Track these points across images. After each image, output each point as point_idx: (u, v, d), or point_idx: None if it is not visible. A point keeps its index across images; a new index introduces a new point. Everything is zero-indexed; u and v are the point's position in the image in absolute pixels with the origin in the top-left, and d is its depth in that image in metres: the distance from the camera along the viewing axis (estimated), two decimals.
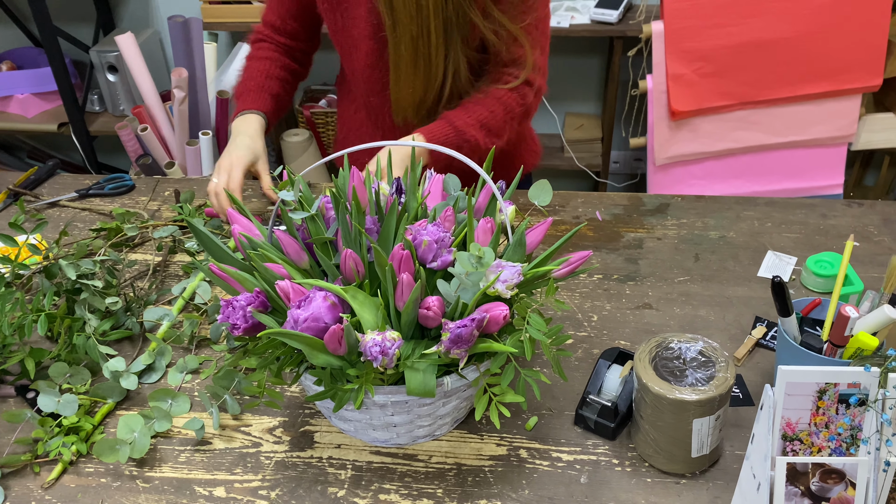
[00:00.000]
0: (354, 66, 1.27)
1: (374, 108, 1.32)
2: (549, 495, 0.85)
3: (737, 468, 0.86)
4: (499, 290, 0.79)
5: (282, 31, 1.35)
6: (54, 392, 0.93)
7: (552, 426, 0.93)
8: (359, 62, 1.26)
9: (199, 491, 0.87)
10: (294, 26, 1.34)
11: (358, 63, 1.26)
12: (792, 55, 2.01)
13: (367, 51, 1.24)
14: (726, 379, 0.81)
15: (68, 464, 0.90)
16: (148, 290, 1.16)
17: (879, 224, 1.25)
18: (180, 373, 1.02)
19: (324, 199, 0.88)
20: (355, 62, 1.27)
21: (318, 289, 0.79)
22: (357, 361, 0.79)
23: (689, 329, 1.06)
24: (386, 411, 0.85)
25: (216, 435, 0.93)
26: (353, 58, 1.27)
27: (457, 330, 0.75)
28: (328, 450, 0.91)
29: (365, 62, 1.25)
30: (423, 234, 0.81)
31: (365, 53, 1.24)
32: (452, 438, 0.92)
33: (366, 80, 1.28)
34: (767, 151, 2.18)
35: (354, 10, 1.21)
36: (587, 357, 1.02)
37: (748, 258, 1.19)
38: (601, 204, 1.34)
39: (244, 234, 0.86)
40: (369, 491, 0.86)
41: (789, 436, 0.66)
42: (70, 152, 2.92)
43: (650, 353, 0.85)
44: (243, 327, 0.80)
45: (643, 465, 0.87)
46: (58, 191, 1.44)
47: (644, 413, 0.84)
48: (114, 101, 2.55)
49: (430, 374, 0.79)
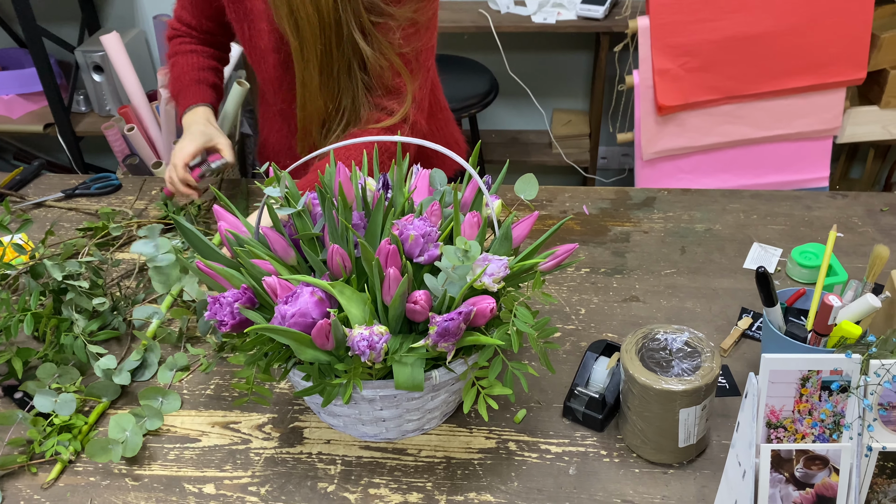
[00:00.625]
0: (264, 75, 1.27)
1: (286, 114, 1.32)
2: (538, 487, 0.85)
3: (723, 457, 0.87)
4: (486, 284, 0.79)
5: (198, 28, 1.34)
6: (51, 392, 0.93)
7: (540, 419, 0.93)
8: (267, 73, 1.26)
9: (189, 488, 0.87)
10: (210, 26, 1.33)
11: (267, 73, 1.26)
12: (777, 49, 2.03)
13: (273, 63, 1.24)
14: (712, 369, 0.81)
15: (67, 463, 0.89)
16: (135, 288, 1.16)
17: (863, 215, 1.26)
18: (170, 370, 1.01)
19: (310, 195, 0.88)
20: (264, 72, 1.26)
21: (306, 284, 0.79)
22: (345, 356, 0.79)
23: (676, 321, 1.06)
24: (375, 406, 0.85)
25: (205, 432, 0.93)
26: (261, 68, 1.26)
27: (444, 323, 0.75)
28: (318, 445, 0.91)
29: (273, 74, 1.25)
30: (410, 228, 0.81)
31: (272, 65, 1.24)
32: (441, 432, 0.92)
33: (275, 91, 1.29)
34: (754, 145, 2.20)
35: (258, 23, 1.21)
36: (575, 350, 1.03)
37: (734, 250, 1.20)
38: (588, 198, 1.34)
39: (230, 231, 0.86)
40: (359, 486, 0.86)
41: (773, 423, 0.67)
42: (56, 153, 2.91)
43: (636, 345, 0.85)
44: (230, 324, 0.80)
45: (631, 456, 0.88)
46: (44, 191, 1.43)
47: (631, 404, 0.85)
48: (100, 101, 2.54)
49: (419, 368, 0.79)
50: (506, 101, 2.69)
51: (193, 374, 1.02)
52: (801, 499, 0.67)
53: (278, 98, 1.30)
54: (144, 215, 1.35)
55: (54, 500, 0.86)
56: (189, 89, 1.32)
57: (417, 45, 1.15)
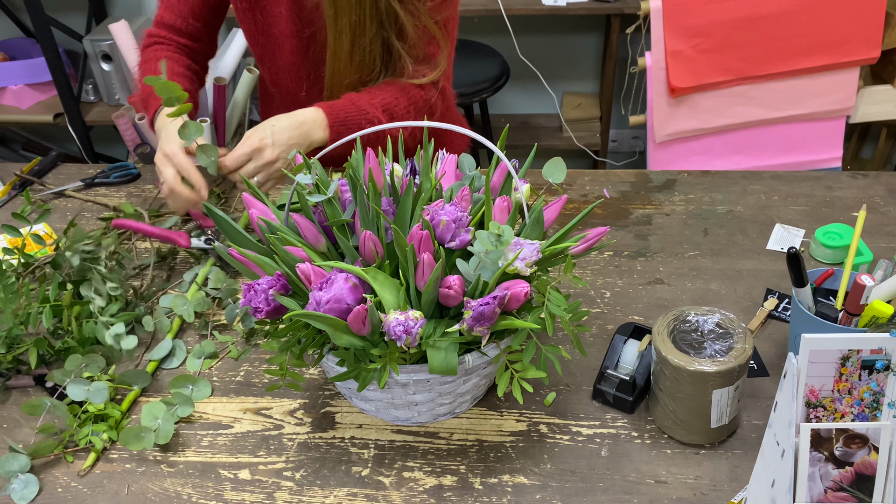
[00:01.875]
0: (278, 64, 1.24)
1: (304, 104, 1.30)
2: (571, 469, 0.86)
3: (755, 437, 0.88)
4: (518, 268, 0.79)
5: (182, 31, 1.29)
6: (83, 381, 0.93)
7: (570, 401, 0.94)
8: (283, 60, 1.23)
9: (224, 474, 0.87)
10: (196, 26, 1.28)
11: (282, 61, 1.23)
12: (790, 29, 2.02)
13: (291, 48, 1.21)
14: (744, 350, 0.82)
15: (101, 451, 0.90)
16: (163, 278, 1.16)
17: (885, 195, 1.26)
18: (198, 358, 1.02)
19: (339, 182, 0.88)
20: (279, 61, 1.23)
21: (339, 271, 0.79)
22: (379, 341, 0.80)
23: (702, 303, 1.07)
24: (408, 390, 0.86)
25: (237, 419, 0.94)
26: (276, 57, 1.23)
27: (479, 308, 0.75)
28: (350, 430, 0.92)
29: (290, 60, 1.22)
30: (441, 213, 0.81)
31: (289, 51, 1.21)
32: (472, 416, 0.93)
33: (292, 78, 1.26)
34: (766, 126, 2.19)
35: (274, 8, 1.18)
36: (601, 333, 1.03)
37: (756, 231, 1.20)
38: (608, 181, 1.34)
39: (262, 218, 0.86)
40: (393, 469, 0.87)
41: (812, 402, 0.67)
42: (66, 143, 2.91)
43: (668, 327, 0.86)
44: (265, 310, 0.81)
45: (662, 437, 0.88)
46: (62, 181, 1.43)
47: (663, 385, 0.85)
48: (109, 90, 2.54)
49: (452, 353, 0.80)
50: (516, 84, 2.68)
51: (223, 362, 1.02)
52: (840, 477, 0.67)
53: (294, 87, 1.29)
54: (165, 207, 1.35)
55: (92, 488, 0.87)
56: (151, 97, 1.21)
57: (447, 13, 1.15)
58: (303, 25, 1.17)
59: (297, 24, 1.18)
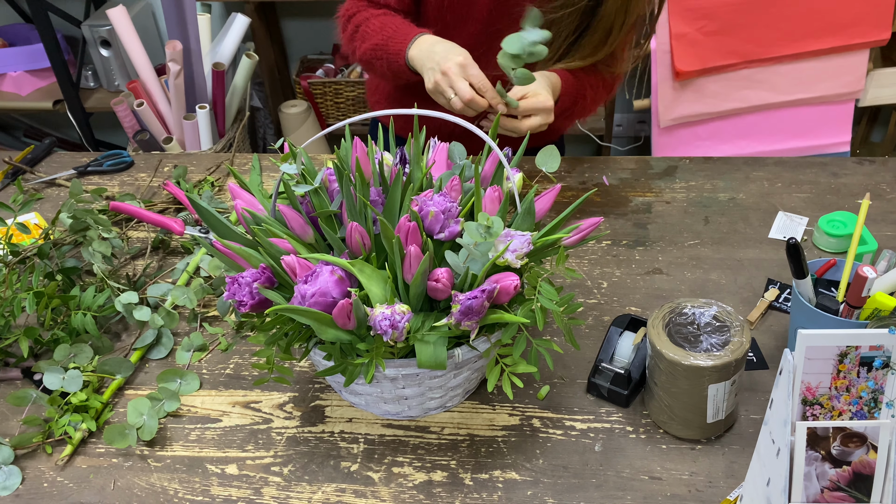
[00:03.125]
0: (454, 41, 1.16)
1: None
2: (563, 464, 0.84)
3: (752, 432, 0.86)
4: (508, 260, 0.77)
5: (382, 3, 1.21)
6: (58, 369, 0.92)
7: (564, 395, 0.92)
8: (460, 40, 1.15)
9: (212, 469, 0.86)
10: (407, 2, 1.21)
11: (459, 41, 1.15)
12: (797, 10, 1.97)
13: (473, 32, 1.18)
14: (742, 343, 0.79)
15: (79, 443, 0.89)
16: (154, 268, 1.15)
17: (892, 181, 1.23)
18: (187, 351, 1.01)
19: (326, 172, 0.86)
20: (456, 39, 1.15)
21: (325, 263, 0.77)
22: (367, 335, 0.78)
23: (701, 293, 1.04)
24: (397, 384, 0.84)
25: (226, 412, 0.93)
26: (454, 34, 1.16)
27: (467, 301, 0.73)
28: (339, 424, 0.90)
29: (467, 42, 1.15)
30: (430, 204, 0.79)
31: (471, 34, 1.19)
32: (464, 409, 0.91)
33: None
34: (773, 110, 2.15)
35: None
36: (598, 325, 1.01)
37: (759, 219, 1.17)
38: (607, 168, 1.31)
39: (247, 210, 0.84)
40: (382, 464, 0.85)
41: (809, 400, 0.65)
42: (67, 130, 2.89)
43: (663, 319, 0.83)
44: (250, 304, 0.79)
45: (658, 432, 0.87)
46: (56, 169, 1.42)
47: (658, 380, 0.83)
48: (108, 76, 2.51)
49: (441, 347, 0.78)
50: None
51: (212, 354, 1.01)
52: (837, 477, 0.65)
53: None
54: (158, 195, 1.33)
55: (77, 482, 0.86)
56: (401, 28, 1.14)
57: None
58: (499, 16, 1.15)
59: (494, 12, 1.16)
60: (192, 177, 1.36)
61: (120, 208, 1.18)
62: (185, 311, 1.06)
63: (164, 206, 1.27)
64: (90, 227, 1.09)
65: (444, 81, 1.05)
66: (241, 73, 2.33)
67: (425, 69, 1.09)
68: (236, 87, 2.35)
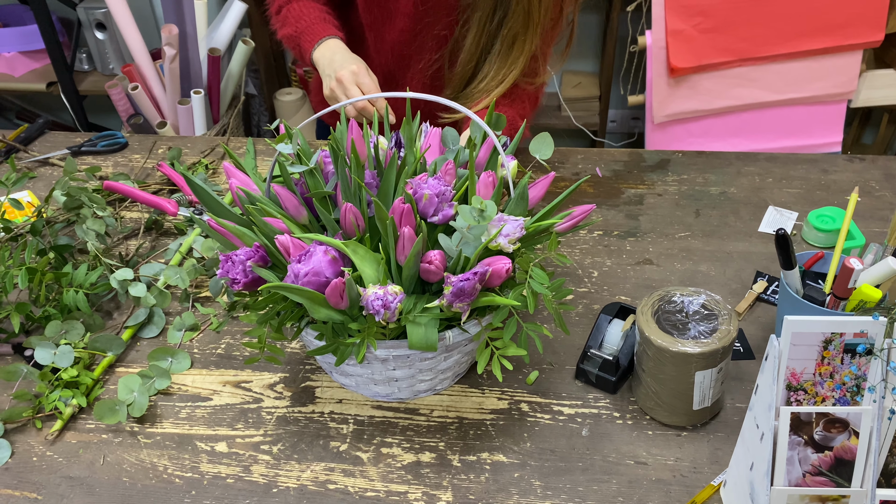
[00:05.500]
0: (385, 37, 1.23)
1: (397, 81, 1.29)
2: (550, 448, 0.85)
3: (737, 420, 0.87)
4: (501, 245, 0.78)
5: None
6: (50, 344, 0.92)
7: (553, 380, 0.93)
8: (391, 35, 1.21)
9: (201, 446, 0.87)
10: None
11: (390, 36, 1.22)
12: (793, 9, 1.98)
13: (401, 28, 1.20)
14: (729, 332, 0.81)
15: (69, 418, 0.89)
16: (146, 248, 1.15)
17: (881, 179, 1.25)
18: (178, 331, 1.01)
19: (322, 154, 0.86)
20: (386, 34, 1.21)
21: (319, 243, 0.78)
22: (359, 316, 0.79)
23: (690, 284, 1.05)
24: (388, 366, 0.85)
25: (217, 391, 0.93)
26: (385, 30, 1.21)
27: (459, 283, 0.74)
28: (329, 405, 0.91)
29: (398, 38, 1.21)
30: (424, 187, 0.80)
31: (399, 30, 1.20)
32: (454, 393, 0.92)
33: (395, 55, 1.25)
34: (766, 109, 2.16)
35: None
36: (588, 312, 1.02)
37: (749, 213, 1.18)
38: (601, 160, 1.32)
39: (242, 189, 0.85)
40: (371, 444, 0.86)
41: (793, 385, 0.66)
42: (60, 112, 2.88)
43: (652, 307, 0.84)
44: (243, 282, 0.79)
45: (644, 418, 0.88)
46: (49, 148, 1.42)
47: (646, 366, 0.84)
48: (103, 59, 2.50)
49: (432, 328, 0.78)
50: None
51: (204, 334, 1.01)
52: (819, 461, 0.66)
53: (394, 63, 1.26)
54: (152, 176, 1.33)
55: (66, 457, 0.86)
56: (313, 27, 1.18)
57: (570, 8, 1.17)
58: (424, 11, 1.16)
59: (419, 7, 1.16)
60: (186, 159, 1.36)
61: (114, 188, 1.18)
62: (178, 291, 1.07)
63: (158, 187, 1.27)
64: (84, 205, 1.09)
65: (338, 88, 1.09)
66: (236, 60, 2.32)
67: (324, 75, 1.13)
68: (232, 74, 2.34)
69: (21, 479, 0.84)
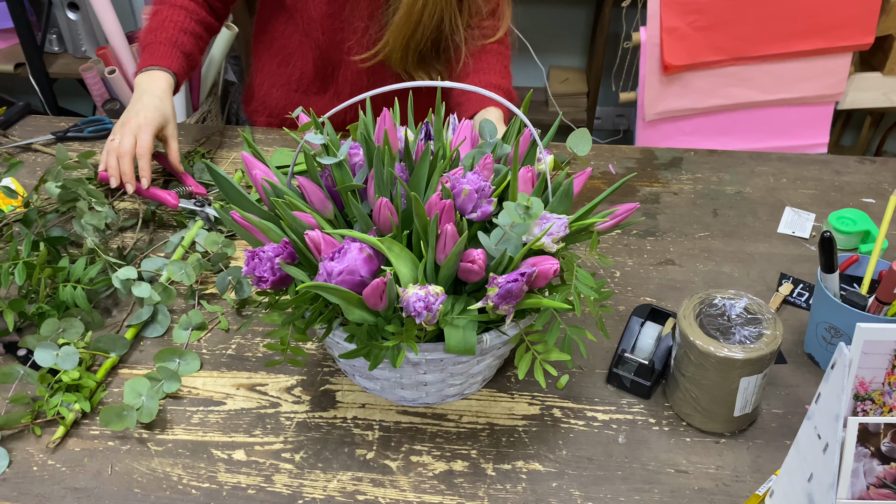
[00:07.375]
0: (310, 15, 1.20)
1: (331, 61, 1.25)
2: (587, 455, 0.82)
3: (775, 427, 0.85)
4: (544, 244, 0.74)
5: None
6: (52, 345, 0.86)
7: (584, 385, 0.89)
8: (317, 11, 1.18)
9: (217, 454, 0.81)
10: None
11: (316, 12, 1.18)
12: (787, 9, 1.99)
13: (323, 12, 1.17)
14: (775, 336, 0.78)
15: (71, 424, 0.83)
16: (145, 241, 1.08)
17: (893, 181, 1.24)
18: (185, 330, 0.95)
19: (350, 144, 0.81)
20: (312, 11, 1.19)
21: (352, 240, 0.73)
22: (393, 317, 0.74)
23: (715, 285, 1.03)
24: (419, 370, 0.80)
25: (230, 395, 0.88)
26: (308, 7, 1.19)
27: (507, 285, 0.70)
28: (352, 409, 0.86)
29: (325, 11, 1.18)
30: (463, 182, 0.75)
31: (326, 2, 1.17)
32: (482, 397, 0.88)
33: (325, 31, 1.21)
34: (755, 109, 2.17)
35: None
36: (613, 314, 0.99)
37: (766, 214, 1.17)
38: (613, 157, 1.29)
39: (267, 180, 0.79)
40: (399, 452, 0.82)
41: (861, 395, 0.63)
42: (29, 96, 2.74)
43: (694, 310, 0.82)
44: (271, 280, 0.74)
45: (681, 425, 0.85)
46: (31, 133, 1.33)
47: (686, 371, 0.81)
48: (75, 41, 2.39)
49: (471, 331, 0.74)
50: None
51: (212, 333, 0.95)
52: (884, 473, 0.64)
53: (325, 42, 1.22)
54: None
55: (70, 466, 0.80)
56: (160, 47, 1.16)
57: None
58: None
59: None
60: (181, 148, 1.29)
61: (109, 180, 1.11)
62: (182, 288, 1.01)
63: (153, 177, 1.20)
64: (80, 198, 1.02)
65: (119, 129, 1.09)
66: (218, 45, 2.23)
67: (127, 107, 1.13)
68: (213, 60, 2.26)
69: (21, 490, 0.77)
